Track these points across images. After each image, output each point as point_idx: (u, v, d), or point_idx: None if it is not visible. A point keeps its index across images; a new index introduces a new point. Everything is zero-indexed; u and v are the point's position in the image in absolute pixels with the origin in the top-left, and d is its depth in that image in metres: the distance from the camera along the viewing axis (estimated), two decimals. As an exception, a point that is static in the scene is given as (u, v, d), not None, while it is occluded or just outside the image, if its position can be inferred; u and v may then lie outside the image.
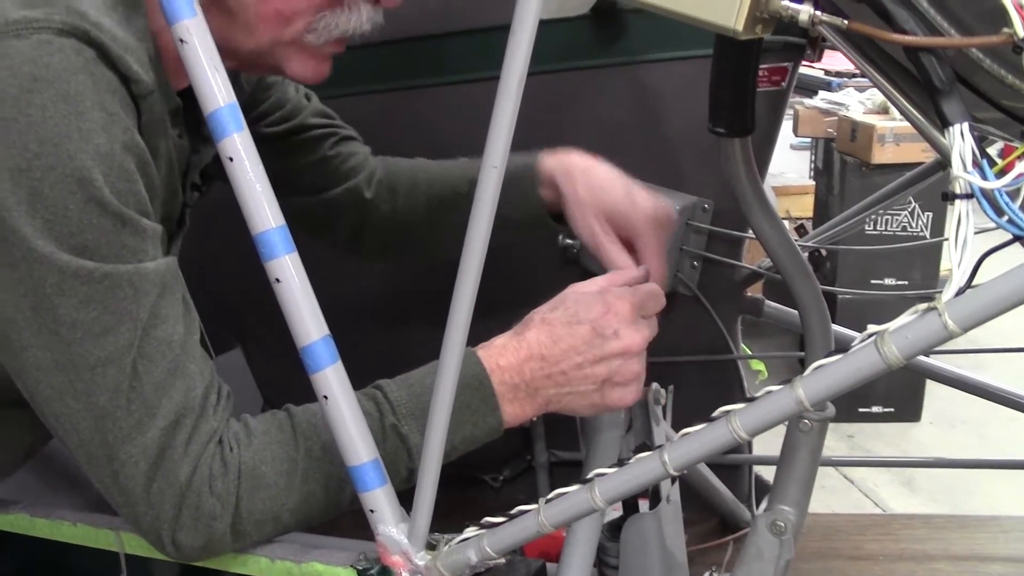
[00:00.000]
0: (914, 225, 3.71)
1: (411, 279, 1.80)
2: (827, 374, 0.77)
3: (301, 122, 1.37)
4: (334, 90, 1.71)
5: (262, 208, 0.90)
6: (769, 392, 0.81)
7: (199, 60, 0.90)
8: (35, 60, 0.84)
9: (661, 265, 1.23)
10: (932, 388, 3.79)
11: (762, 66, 1.39)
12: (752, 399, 0.82)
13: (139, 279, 0.91)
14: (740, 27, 0.76)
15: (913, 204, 3.69)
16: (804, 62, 1.51)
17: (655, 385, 1.23)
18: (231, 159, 0.89)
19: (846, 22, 0.77)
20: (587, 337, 1.02)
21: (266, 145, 1.08)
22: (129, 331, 0.90)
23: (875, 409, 3.83)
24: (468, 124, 1.20)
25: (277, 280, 0.90)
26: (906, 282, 3.73)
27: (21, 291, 0.88)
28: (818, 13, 0.77)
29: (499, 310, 1.08)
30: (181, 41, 0.90)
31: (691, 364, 1.22)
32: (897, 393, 3.79)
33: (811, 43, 1.38)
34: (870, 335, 0.76)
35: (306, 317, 0.91)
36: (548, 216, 1.33)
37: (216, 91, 0.89)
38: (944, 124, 0.72)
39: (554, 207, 1.32)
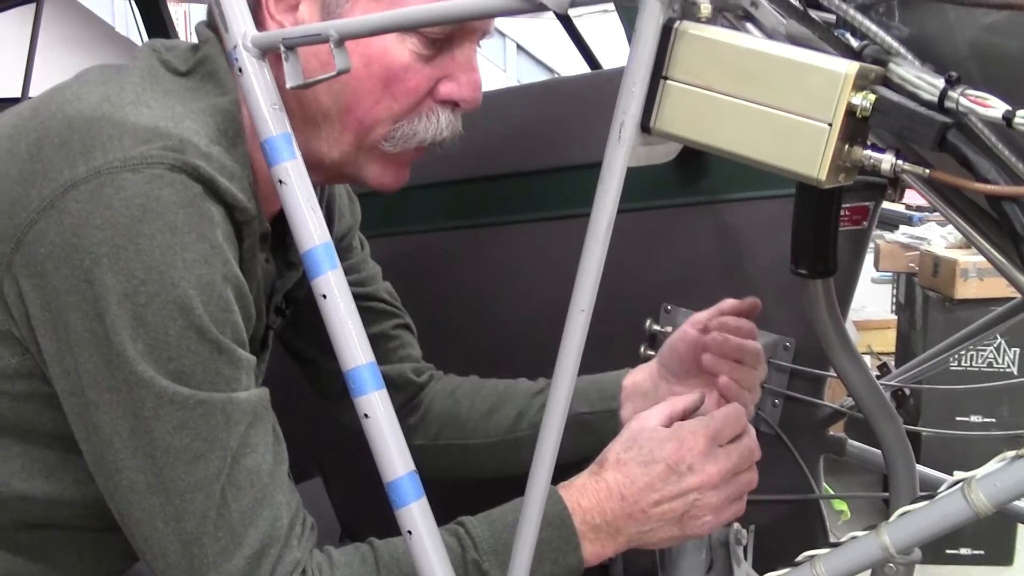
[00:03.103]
0: (1000, 361, 3.64)
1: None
2: (913, 521, 0.77)
3: (373, 291, 1.39)
4: (423, 224, 1.76)
5: (353, 345, 0.92)
6: (854, 538, 0.80)
7: (297, 200, 0.94)
8: (147, 193, 0.89)
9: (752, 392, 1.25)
10: (1024, 531, 3.66)
11: (844, 205, 1.40)
12: (837, 544, 0.81)
13: (231, 408, 0.93)
14: (823, 176, 0.78)
15: (999, 340, 3.62)
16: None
17: (736, 525, 1.22)
18: (324, 296, 0.93)
19: (928, 171, 0.78)
20: (663, 475, 1.03)
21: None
22: (219, 458, 0.92)
23: (964, 551, 3.70)
24: (553, 261, 1.22)
25: (366, 416, 0.92)
26: (993, 419, 3.64)
27: (120, 413, 0.91)
28: (900, 162, 0.79)
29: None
30: (280, 182, 0.94)
31: (772, 503, 1.21)
32: (987, 534, 3.67)
33: (892, 183, 1.39)
34: (957, 482, 0.76)
35: (393, 453, 0.92)
36: (619, 416, 1.34)
37: (312, 230, 0.93)
38: (1028, 270, 0.72)
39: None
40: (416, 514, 0.93)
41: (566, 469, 1.02)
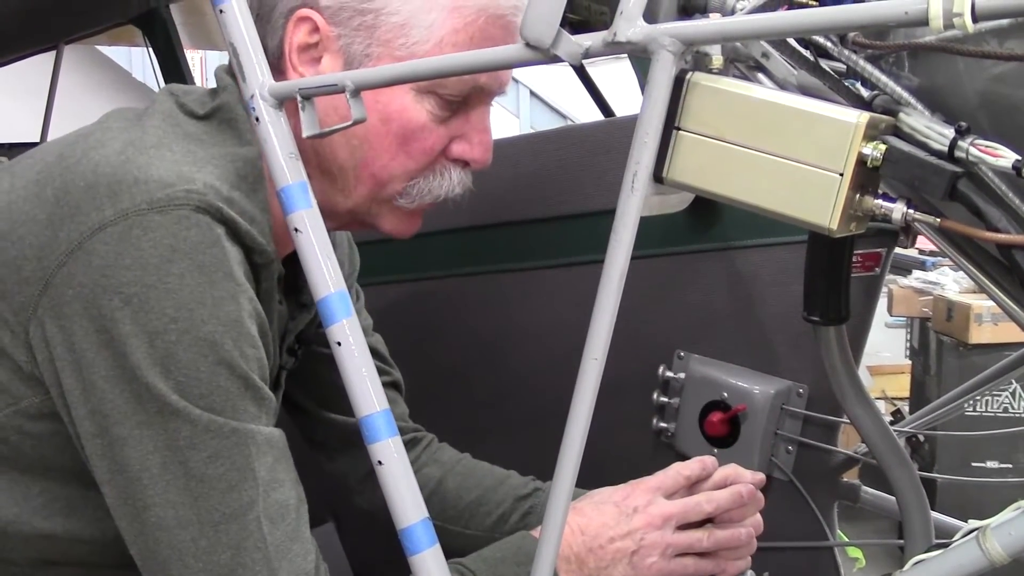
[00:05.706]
0: (1016, 406, 3.62)
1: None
2: (928, 570, 0.77)
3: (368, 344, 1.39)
4: (435, 271, 1.77)
5: (367, 392, 0.92)
6: (869, 587, 0.80)
7: (313, 249, 0.94)
8: (175, 234, 0.91)
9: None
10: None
11: (856, 252, 1.41)
12: (852, 593, 0.81)
13: (261, 439, 0.95)
14: (835, 226, 0.78)
15: (1015, 385, 3.60)
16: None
17: (750, 572, 1.21)
18: (339, 343, 0.93)
19: (939, 220, 0.78)
20: (614, 514, 1.11)
21: (324, 363, 1.16)
22: (252, 489, 0.93)
23: (980, 599, 3.67)
24: (566, 308, 1.21)
25: (380, 462, 0.92)
26: (1010, 465, 3.61)
27: (151, 447, 0.92)
28: (911, 212, 0.79)
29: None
30: (296, 230, 0.95)
31: (786, 550, 1.20)
32: (1005, 580, 3.64)
33: (904, 230, 1.40)
34: (972, 530, 0.75)
35: (406, 499, 0.92)
36: None
37: (327, 278, 0.94)
38: (1040, 318, 0.73)
39: None
40: (430, 561, 0.93)
41: None
